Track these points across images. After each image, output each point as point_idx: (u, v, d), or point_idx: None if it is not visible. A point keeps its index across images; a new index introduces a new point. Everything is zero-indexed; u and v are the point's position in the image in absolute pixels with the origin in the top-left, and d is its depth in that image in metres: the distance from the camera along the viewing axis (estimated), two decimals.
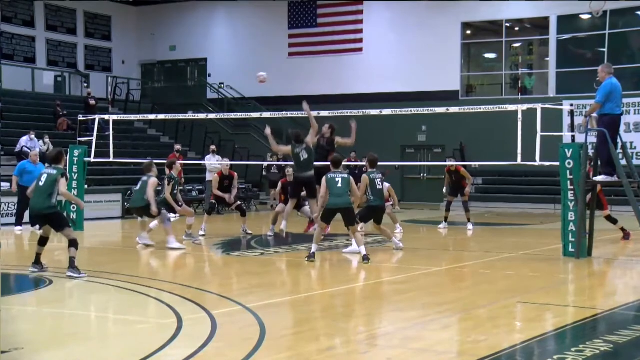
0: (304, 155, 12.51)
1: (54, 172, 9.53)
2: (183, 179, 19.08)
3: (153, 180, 12.28)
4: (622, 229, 13.89)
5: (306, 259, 10.69)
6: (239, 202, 14.99)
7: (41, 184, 9.48)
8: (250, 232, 14.53)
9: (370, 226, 12.98)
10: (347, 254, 11.64)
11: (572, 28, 25.81)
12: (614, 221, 13.91)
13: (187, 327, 6.59)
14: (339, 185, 10.70)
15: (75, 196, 13.18)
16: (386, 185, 14.61)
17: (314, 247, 10.77)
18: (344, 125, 25.43)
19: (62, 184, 9.52)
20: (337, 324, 7.03)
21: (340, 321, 7.20)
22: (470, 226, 16.14)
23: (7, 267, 10.27)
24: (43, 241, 9.67)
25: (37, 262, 9.66)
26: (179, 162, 15.16)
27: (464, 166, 16.96)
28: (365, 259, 10.62)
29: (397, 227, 14.95)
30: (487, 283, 9.59)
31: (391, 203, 14.99)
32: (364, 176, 11.51)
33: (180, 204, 13.78)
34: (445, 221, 16.39)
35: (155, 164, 14.03)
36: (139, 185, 12.54)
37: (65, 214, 15.71)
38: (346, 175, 10.90)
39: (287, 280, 9.82)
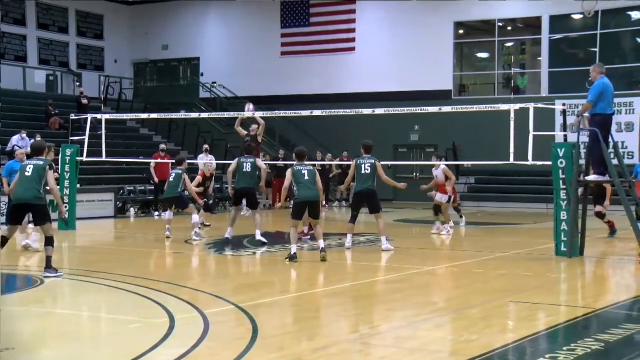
0: (247, 168, 12.86)
1: (41, 162, 9.24)
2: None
3: (186, 175, 13.43)
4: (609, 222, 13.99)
5: (286, 259, 10.60)
6: (205, 200, 15.83)
7: (27, 174, 9.12)
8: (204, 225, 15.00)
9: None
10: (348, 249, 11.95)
11: (564, 28, 25.89)
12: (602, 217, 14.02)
13: (180, 327, 6.57)
14: (306, 177, 10.69)
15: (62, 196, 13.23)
16: (442, 167, 14.62)
17: (293, 248, 10.67)
18: (335, 125, 25.46)
19: (51, 177, 9.28)
20: (330, 324, 7.03)
21: (333, 320, 7.20)
22: (462, 222, 16.34)
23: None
24: (51, 241, 9.26)
25: (49, 266, 9.22)
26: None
27: (456, 166, 16.98)
28: (322, 250, 10.67)
29: (446, 227, 14.82)
30: (479, 282, 9.60)
31: (448, 196, 14.74)
32: (353, 161, 12.04)
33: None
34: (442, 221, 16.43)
35: (147, 163, 14.53)
36: (172, 177, 13.53)
37: (57, 213, 15.72)
38: (311, 168, 11.00)
39: (280, 279, 9.81)
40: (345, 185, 13.72)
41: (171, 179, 13.61)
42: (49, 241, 9.18)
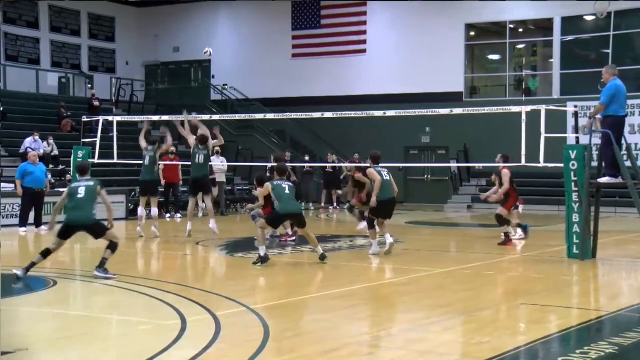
0: (200, 159, 13.44)
1: (92, 183, 9.47)
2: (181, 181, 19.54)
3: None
4: (506, 234, 13.23)
5: (257, 264, 10.30)
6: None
7: (80, 196, 9.31)
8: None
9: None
10: (372, 256, 11.43)
11: (576, 29, 25.78)
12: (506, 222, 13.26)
13: (191, 329, 6.58)
14: (287, 191, 10.54)
15: None
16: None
17: (262, 250, 10.37)
18: (345, 127, 25.40)
19: (106, 196, 9.58)
20: (341, 326, 7.02)
21: (344, 323, 7.19)
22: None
23: (12, 268, 10.28)
24: (113, 246, 9.47)
25: (102, 265, 9.41)
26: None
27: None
28: (322, 257, 10.53)
29: (517, 231, 14.41)
30: (490, 284, 9.57)
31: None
32: (370, 169, 11.57)
33: None
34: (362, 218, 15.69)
35: None
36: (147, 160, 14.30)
37: None
38: (291, 184, 10.87)
39: (291, 281, 9.81)
40: (374, 199, 11.72)
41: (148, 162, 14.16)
42: (112, 246, 9.39)
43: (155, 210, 14.49)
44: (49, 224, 10.32)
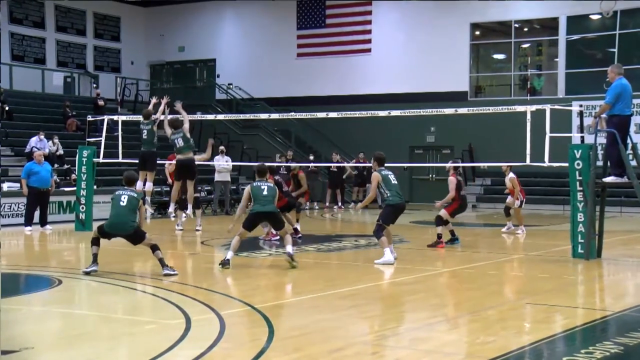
0: (179, 142, 13.84)
1: (135, 195, 9.67)
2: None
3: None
4: (439, 236, 12.86)
5: (220, 265, 10.20)
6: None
7: (122, 203, 9.49)
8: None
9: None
10: (379, 265, 10.68)
11: (581, 28, 25.72)
12: (444, 222, 13.02)
13: (196, 328, 6.59)
14: (265, 193, 10.28)
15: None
16: (510, 175, 14.73)
17: (229, 254, 10.25)
18: (350, 126, 25.37)
19: (143, 211, 9.87)
20: (346, 325, 7.02)
21: (349, 322, 7.19)
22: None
23: (17, 267, 10.33)
24: (156, 247, 9.67)
25: (164, 264, 9.58)
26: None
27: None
28: (289, 256, 10.18)
29: (520, 228, 15.17)
30: (495, 284, 9.56)
31: (520, 199, 15.04)
32: (375, 174, 10.92)
33: None
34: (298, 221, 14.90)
35: (162, 164, 14.91)
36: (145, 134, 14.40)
37: (74, 214, 15.87)
38: (271, 184, 10.59)
39: (295, 280, 9.81)
40: (366, 202, 11.70)
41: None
42: (155, 247, 9.59)
43: (149, 185, 14.36)
44: None
